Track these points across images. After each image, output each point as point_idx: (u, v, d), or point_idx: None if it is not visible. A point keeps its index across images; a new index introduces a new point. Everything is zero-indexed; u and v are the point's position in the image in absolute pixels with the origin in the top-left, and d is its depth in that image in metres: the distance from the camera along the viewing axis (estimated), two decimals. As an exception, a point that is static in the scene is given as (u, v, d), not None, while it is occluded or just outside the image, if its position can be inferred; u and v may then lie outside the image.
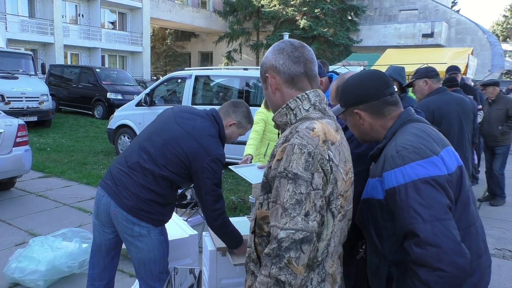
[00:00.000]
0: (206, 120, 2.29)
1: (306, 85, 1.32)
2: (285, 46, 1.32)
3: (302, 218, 1.11)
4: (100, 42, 23.85)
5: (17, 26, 20.04)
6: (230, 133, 2.39)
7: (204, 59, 35.30)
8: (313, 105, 1.29)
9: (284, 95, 1.32)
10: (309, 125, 1.19)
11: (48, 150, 8.82)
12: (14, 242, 4.17)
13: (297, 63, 1.30)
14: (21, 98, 10.82)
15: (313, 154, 1.14)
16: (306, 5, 26.23)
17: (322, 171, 1.14)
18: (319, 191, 1.13)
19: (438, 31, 25.17)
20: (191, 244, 2.73)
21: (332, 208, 1.19)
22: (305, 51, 1.32)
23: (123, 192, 2.18)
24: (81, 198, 5.62)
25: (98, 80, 14.74)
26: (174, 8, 29.04)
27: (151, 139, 2.25)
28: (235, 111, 2.37)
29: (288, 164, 1.14)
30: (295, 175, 1.12)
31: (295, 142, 1.15)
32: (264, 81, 1.36)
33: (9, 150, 5.11)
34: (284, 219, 1.12)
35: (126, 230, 2.21)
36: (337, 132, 1.26)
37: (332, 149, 1.18)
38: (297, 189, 1.12)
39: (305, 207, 1.11)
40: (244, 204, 5.40)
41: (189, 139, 2.17)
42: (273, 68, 1.32)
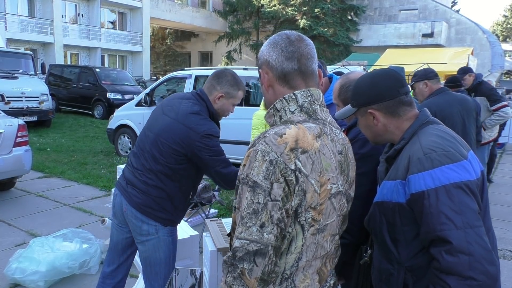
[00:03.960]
0: (190, 100, 2.23)
1: (299, 83, 1.21)
2: (280, 39, 1.22)
3: (257, 229, 1.04)
4: (100, 41, 23.84)
5: (17, 25, 20.03)
6: (221, 107, 2.27)
7: (203, 59, 35.29)
8: (300, 107, 1.19)
9: (277, 93, 1.22)
10: (280, 130, 1.10)
11: (48, 150, 8.81)
12: (14, 242, 4.16)
13: (290, 58, 1.19)
14: (21, 98, 10.81)
15: (276, 162, 1.05)
16: (306, 5, 26.23)
17: (284, 181, 1.05)
18: (277, 203, 1.04)
19: (438, 31, 25.17)
20: (192, 245, 2.73)
21: (301, 220, 1.09)
22: (301, 45, 1.21)
23: (133, 190, 2.21)
24: (81, 198, 5.61)
25: (98, 80, 14.72)
26: (174, 8, 29.03)
27: (146, 136, 2.26)
28: (219, 82, 2.25)
29: (250, 170, 1.07)
30: (255, 183, 1.05)
31: (259, 149, 1.07)
32: (260, 76, 1.28)
33: (9, 150, 5.10)
34: (240, 227, 1.06)
35: (135, 228, 2.23)
36: (317, 138, 1.14)
37: (301, 157, 1.07)
38: (254, 198, 1.05)
39: (261, 218, 1.04)
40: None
41: (175, 125, 2.14)
42: (266, 63, 1.22)
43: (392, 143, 1.48)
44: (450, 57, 11.51)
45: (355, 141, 1.65)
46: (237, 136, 7.30)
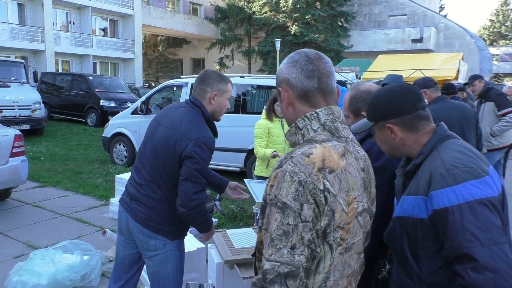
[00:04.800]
0: (184, 108, 2.24)
1: (319, 102, 1.22)
2: (299, 58, 1.23)
3: (288, 251, 1.03)
4: (92, 49, 23.72)
5: (7, 33, 19.86)
6: (219, 104, 2.28)
7: (196, 65, 35.29)
8: (323, 125, 1.20)
9: (297, 111, 1.24)
10: (306, 150, 1.10)
11: (42, 159, 8.73)
12: (13, 254, 4.11)
13: (310, 77, 1.20)
14: (13, 107, 10.71)
15: (305, 183, 1.05)
16: (297, 12, 26.42)
17: (313, 202, 1.05)
18: (308, 224, 1.04)
19: (427, 36, 25.50)
20: (199, 258, 2.71)
21: (330, 240, 1.10)
22: (320, 63, 1.22)
23: (137, 205, 2.21)
24: (78, 209, 5.56)
25: (91, 88, 14.64)
26: (166, 15, 29.04)
27: (145, 149, 2.27)
28: (207, 83, 2.26)
29: (279, 191, 1.07)
30: (284, 204, 1.05)
31: (287, 169, 1.07)
32: (278, 94, 1.29)
33: (6, 161, 5.05)
34: (270, 249, 1.05)
35: (142, 244, 2.23)
36: (342, 156, 1.15)
37: (329, 177, 1.08)
38: (284, 219, 1.04)
39: (292, 239, 1.04)
40: (244, 213, 5.39)
41: (170, 133, 2.14)
42: (286, 81, 1.23)
43: (409, 157, 1.49)
44: (441, 62, 11.65)
45: (369, 154, 1.65)
46: (234, 144, 7.31)
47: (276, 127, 4.21)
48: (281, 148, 4.22)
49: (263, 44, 27.70)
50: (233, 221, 5.22)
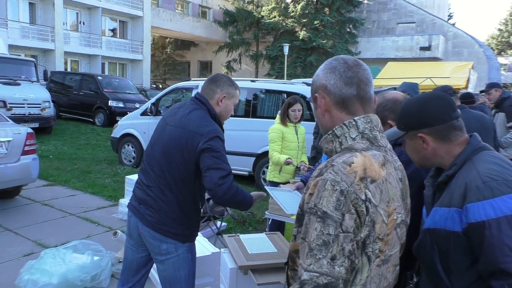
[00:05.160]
0: (190, 106, 2.26)
1: (358, 109, 1.20)
2: (338, 64, 1.21)
3: (328, 262, 1.01)
4: (101, 49, 23.85)
5: (18, 32, 20.01)
6: (225, 107, 2.30)
7: (203, 68, 35.39)
8: (361, 133, 1.17)
9: (334, 118, 1.22)
10: (347, 159, 1.09)
11: (50, 157, 8.76)
12: (22, 252, 4.11)
13: (349, 84, 1.18)
14: (23, 105, 10.76)
15: (346, 192, 1.03)
16: (306, 17, 26.45)
17: (355, 212, 1.03)
18: (349, 234, 1.02)
19: (436, 44, 25.42)
20: (213, 262, 2.69)
21: (368, 252, 1.08)
22: (359, 70, 1.20)
23: (146, 210, 2.20)
24: (87, 208, 5.56)
25: (99, 88, 14.71)
26: (175, 17, 29.16)
27: (153, 151, 2.27)
28: (218, 85, 2.28)
29: (319, 200, 1.05)
30: (324, 213, 1.03)
31: (328, 178, 1.06)
32: (314, 100, 1.27)
33: (17, 159, 5.07)
34: (309, 259, 1.03)
35: (154, 248, 2.22)
36: (383, 166, 1.12)
37: (371, 187, 1.06)
38: (325, 229, 1.02)
39: (332, 250, 1.01)
40: (253, 218, 5.36)
41: (179, 131, 2.15)
42: (323, 88, 1.22)
43: (440, 167, 1.46)
44: (451, 71, 11.59)
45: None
46: (243, 148, 7.30)
47: (290, 132, 4.19)
48: (294, 153, 4.21)
49: (271, 49, 27.73)
50: (242, 225, 5.20)
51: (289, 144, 4.15)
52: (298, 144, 4.27)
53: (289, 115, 4.16)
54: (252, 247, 3.02)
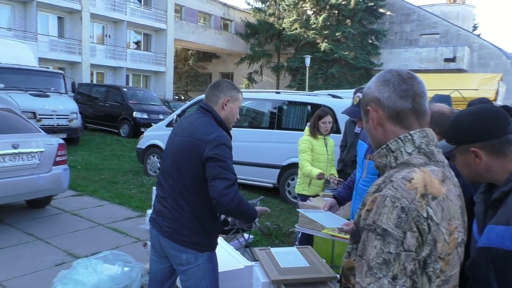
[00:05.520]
0: (195, 115, 2.30)
1: (413, 123, 1.16)
2: (392, 77, 1.19)
3: (389, 281, 0.98)
4: (125, 61, 24.39)
5: (47, 45, 20.67)
6: (230, 111, 2.31)
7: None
8: (418, 148, 1.14)
9: (387, 132, 1.18)
10: (407, 174, 1.05)
11: (78, 168, 8.93)
12: (54, 262, 4.17)
13: (404, 97, 1.16)
14: (52, 116, 11.05)
15: (408, 209, 1.00)
16: (327, 29, 26.49)
17: (417, 230, 1.00)
18: (411, 253, 0.99)
19: (461, 56, 25.03)
20: (246, 276, 2.67)
21: (429, 271, 1.04)
22: (414, 83, 1.17)
23: (163, 221, 2.24)
24: (115, 219, 5.62)
25: (125, 99, 14.99)
26: (197, 30, 29.63)
27: (165, 163, 2.32)
28: (221, 90, 2.30)
29: (378, 217, 1.02)
30: (384, 231, 1.00)
31: (387, 194, 1.03)
32: (365, 113, 1.25)
33: (49, 169, 5.19)
34: (369, 278, 1.00)
35: (175, 259, 2.25)
36: (443, 182, 1.09)
37: (432, 204, 1.03)
38: (385, 247, 0.99)
39: (394, 269, 0.98)
40: (280, 231, 5.32)
41: (186, 140, 2.19)
42: (376, 100, 1.19)
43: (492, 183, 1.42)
44: (479, 83, 11.35)
45: None
46: (268, 160, 7.29)
47: (319, 144, 4.16)
48: (323, 166, 4.16)
49: (292, 60, 27.82)
50: (268, 238, 5.16)
51: (318, 156, 4.11)
52: (328, 157, 4.23)
53: (319, 127, 4.13)
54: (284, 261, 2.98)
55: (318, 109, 6.76)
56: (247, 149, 7.45)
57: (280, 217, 6.07)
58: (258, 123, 8.02)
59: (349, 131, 4.85)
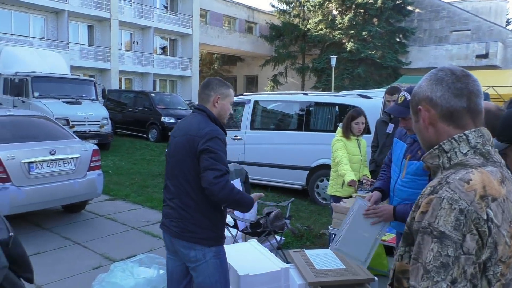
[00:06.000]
0: (191, 116, 2.46)
1: (467, 123, 1.13)
2: (445, 75, 1.16)
3: (448, 285, 0.95)
4: (152, 67, 24.84)
5: (78, 53, 21.29)
6: (222, 107, 2.43)
7: (249, 82, 35.84)
8: (473, 148, 1.11)
9: (440, 132, 1.16)
10: (464, 175, 1.03)
11: (110, 172, 9.13)
12: (91, 265, 4.27)
13: (459, 96, 1.12)
14: (84, 122, 11.36)
15: (467, 212, 0.97)
16: (353, 28, 26.16)
17: (477, 232, 0.97)
18: (471, 257, 0.96)
19: (493, 52, 24.20)
20: (283, 278, 2.65)
21: (489, 275, 1.01)
22: (469, 81, 1.14)
23: (170, 222, 2.37)
24: (148, 222, 5.71)
25: (152, 104, 15.25)
26: (222, 34, 29.86)
27: (168, 164, 2.45)
28: (211, 88, 2.42)
29: (434, 219, 0.99)
30: (442, 233, 0.97)
31: (444, 196, 1.00)
32: (415, 113, 1.22)
33: (84, 174, 5.32)
34: (426, 282, 0.98)
35: (184, 257, 2.36)
36: (502, 183, 1.06)
37: (492, 206, 1.00)
38: (443, 250, 0.97)
39: (453, 272, 0.95)
40: (311, 232, 5.27)
41: (183, 139, 2.32)
42: (428, 100, 1.16)
43: None
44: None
45: None
46: (296, 161, 7.25)
47: (352, 145, 4.10)
48: (356, 167, 4.10)
49: (317, 61, 27.63)
50: (299, 240, 5.12)
51: (351, 157, 4.05)
52: (361, 158, 4.16)
53: (352, 128, 4.08)
54: (319, 263, 2.96)
55: (346, 109, 6.72)
56: (276, 151, 7.44)
57: (310, 219, 6.03)
58: (286, 125, 7.99)
59: (380, 131, 4.76)
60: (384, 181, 2.78)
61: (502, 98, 9.05)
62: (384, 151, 4.55)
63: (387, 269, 3.88)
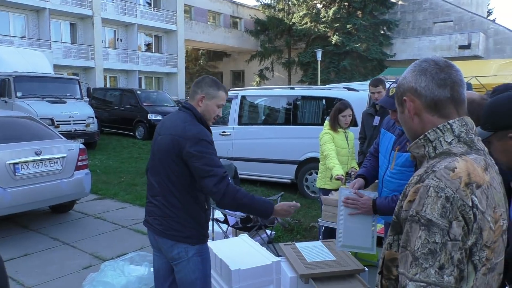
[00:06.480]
0: (176, 113, 2.37)
1: (451, 112, 1.16)
2: (429, 66, 1.17)
3: (436, 271, 0.98)
4: (137, 64, 24.60)
5: (60, 52, 20.96)
6: (206, 108, 2.30)
7: (236, 78, 35.75)
8: (457, 137, 1.13)
9: (424, 122, 1.18)
10: (449, 164, 1.05)
11: (97, 171, 9.04)
12: (81, 265, 4.24)
13: (442, 86, 1.14)
14: (69, 122, 11.22)
15: (452, 199, 1.00)
16: (338, 21, 26.26)
17: (462, 219, 0.99)
18: (457, 242, 0.99)
19: (476, 42, 24.55)
20: (274, 271, 2.67)
21: (475, 260, 1.04)
22: (452, 71, 1.16)
23: (154, 220, 2.33)
24: (137, 220, 5.67)
25: (139, 102, 15.13)
26: (207, 29, 29.70)
27: (152, 160, 2.38)
28: (199, 86, 2.33)
29: (421, 208, 1.01)
30: (429, 221, 1.00)
31: (430, 184, 1.02)
32: (400, 103, 1.24)
33: (71, 174, 5.26)
34: (414, 269, 1.00)
35: (167, 254, 2.33)
36: (485, 171, 1.08)
37: (477, 193, 1.02)
38: (430, 237, 0.99)
39: (440, 258, 0.98)
40: (301, 226, 5.31)
41: (167, 138, 2.24)
42: (413, 90, 1.18)
43: None
44: (497, 69, 11.13)
45: None
46: (284, 156, 7.27)
47: (340, 138, 4.14)
48: (345, 159, 4.14)
49: (303, 55, 27.68)
50: (289, 233, 5.15)
51: (339, 150, 4.09)
52: (349, 150, 4.20)
53: (339, 121, 4.11)
54: (310, 255, 2.98)
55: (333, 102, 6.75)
56: (264, 146, 7.45)
57: (300, 212, 6.06)
58: (274, 119, 8.01)
59: (367, 123, 4.80)
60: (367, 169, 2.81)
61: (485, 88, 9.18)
62: (372, 143, 4.60)
63: (376, 260, 3.94)
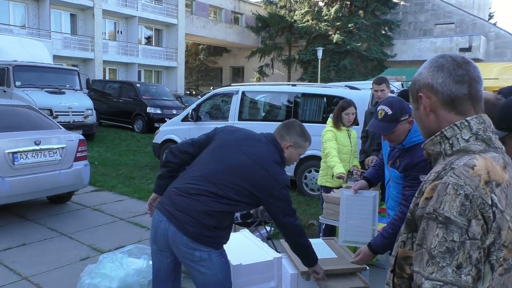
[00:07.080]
0: (269, 146, 2.30)
1: (468, 109, 1.13)
2: (446, 62, 1.15)
3: (453, 270, 0.96)
4: (137, 57, 24.49)
5: (60, 42, 20.84)
6: (290, 156, 2.36)
7: (235, 73, 35.68)
8: (475, 135, 1.11)
9: (440, 119, 1.16)
10: (468, 161, 1.03)
11: (95, 163, 8.99)
12: (79, 256, 4.21)
13: (460, 82, 1.12)
14: (68, 113, 11.15)
15: (472, 197, 0.98)
16: (340, 20, 26.22)
17: (481, 217, 0.98)
18: (476, 241, 0.97)
19: (476, 45, 24.59)
20: (275, 267, 2.66)
21: (492, 260, 1.02)
22: (470, 68, 1.14)
23: (186, 218, 2.15)
24: (135, 213, 5.65)
25: (138, 95, 15.05)
26: (208, 24, 29.60)
27: (213, 162, 2.26)
28: (288, 132, 2.34)
29: (439, 205, 0.99)
30: (447, 219, 0.98)
31: (449, 181, 1.00)
32: (415, 100, 1.21)
33: (70, 165, 5.23)
34: (431, 267, 0.98)
35: (186, 256, 2.18)
36: (504, 169, 1.06)
37: (496, 191, 1.00)
38: (448, 235, 0.97)
39: (458, 257, 0.96)
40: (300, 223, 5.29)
41: (256, 168, 2.20)
42: (429, 86, 1.16)
43: None
44: (498, 72, 11.15)
45: None
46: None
47: (343, 136, 4.12)
48: (347, 157, 4.12)
49: (303, 53, 27.63)
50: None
51: (342, 148, 4.07)
52: (351, 148, 4.18)
53: (342, 119, 4.08)
54: (311, 253, 2.96)
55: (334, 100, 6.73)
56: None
57: (299, 210, 6.05)
58: (274, 116, 7.98)
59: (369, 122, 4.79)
60: (375, 168, 2.82)
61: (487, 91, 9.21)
62: (374, 142, 4.59)
63: (376, 259, 3.93)
